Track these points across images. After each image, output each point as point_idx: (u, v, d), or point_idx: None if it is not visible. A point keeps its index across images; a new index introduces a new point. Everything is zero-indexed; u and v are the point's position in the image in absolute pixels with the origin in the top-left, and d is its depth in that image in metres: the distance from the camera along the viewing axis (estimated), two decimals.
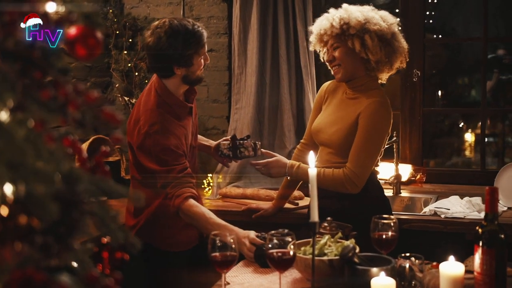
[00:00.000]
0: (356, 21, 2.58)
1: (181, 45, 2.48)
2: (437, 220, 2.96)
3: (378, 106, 2.58)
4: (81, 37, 0.99)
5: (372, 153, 2.59)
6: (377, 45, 2.58)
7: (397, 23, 2.68)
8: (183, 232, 2.71)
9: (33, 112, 0.86)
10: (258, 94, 3.74)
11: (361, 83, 2.67)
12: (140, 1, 4.09)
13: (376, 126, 2.57)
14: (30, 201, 0.81)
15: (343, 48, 2.63)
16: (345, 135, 2.61)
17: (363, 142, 2.56)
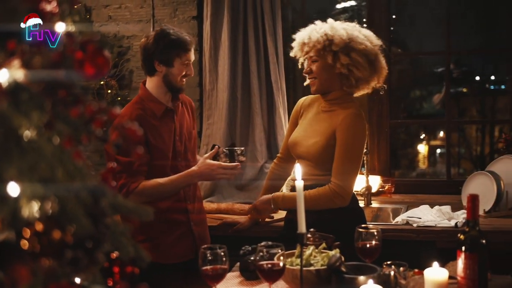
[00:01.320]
0: (339, 39, 2.64)
1: (165, 44, 2.69)
2: (410, 229, 3.04)
3: (354, 118, 2.65)
4: (90, 56, 1.02)
5: (354, 165, 2.66)
6: (365, 63, 2.67)
7: (378, 45, 2.75)
8: (178, 244, 2.77)
9: (61, 129, 0.88)
10: (230, 110, 3.79)
11: (336, 96, 2.74)
12: (109, 19, 4.09)
13: (354, 138, 2.64)
14: (63, 217, 0.83)
15: (321, 63, 2.70)
16: (323, 148, 2.67)
17: (344, 155, 2.63)
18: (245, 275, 2.26)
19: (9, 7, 0.74)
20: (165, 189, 2.67)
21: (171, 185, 2.67)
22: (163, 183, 2.65)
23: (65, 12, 1.08)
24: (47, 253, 0.84)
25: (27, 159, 0.82)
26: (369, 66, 2.69)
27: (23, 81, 0.88)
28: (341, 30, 2.68)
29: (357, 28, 2.74)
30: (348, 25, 2.73)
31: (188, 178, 2.69)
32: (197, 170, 2.68)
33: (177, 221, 2.78)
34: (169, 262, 2.73)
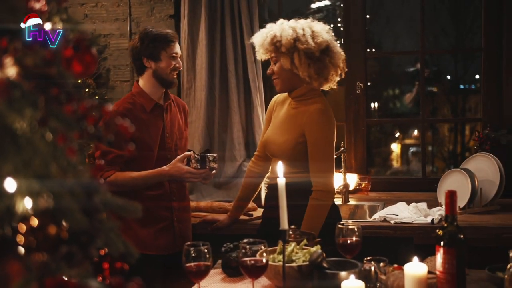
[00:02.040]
0: (286, 40, 2.67)
1: (149, 40, 2.84)
2: (387, 226, 3.09)
3: (320, 114, 2.69)
4: (78, 54, 1.03)
5: (329, 160, 2.70)
6: (305, 63, 2.69)
7: (328, 40, 2.74)
8: (159, 237, 2.87)
9: (55, 126, 0.89)
10: (208, 108, 3.80)
11: (301, 93, 2.77)
12: (86, 17, 4.07)
13: (322, 134, 2.68)
14: (58, 212, 0.84)
15: (280, 63, 2.75)
16: (293, 146, 2.71)
17: (316, 155, 2.67)
18: (227, 271, 2.28)
19: (9, 6, 0.75)
20: (136, 183, 2.79)
21: (142, 180, 2.79)
22: (134, 177, 2.77)
23: (53, 10, 1.09)
24: (43, 248, 0.84)
25: (22, 155, 0.83)
26: (316, 63, 2.70)
27: (16, 78, 0.89)
28: (289, 30, 2.70)
29: (307, 24, 2.75)
30: (298, 23, 2.75)
31: (159, 176, 2.82)
32: (167, 170, 2.81)
33: (160, 216, 2.87)
34: (149, 253, 2.81)
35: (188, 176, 2.81)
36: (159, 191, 2.87)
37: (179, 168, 2.78)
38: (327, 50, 2.73)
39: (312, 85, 2.75)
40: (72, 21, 1.14)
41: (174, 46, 2.88)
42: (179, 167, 2.78)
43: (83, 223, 0.84)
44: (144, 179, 2.79)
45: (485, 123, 3.85)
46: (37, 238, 0.83)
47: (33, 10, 1.00)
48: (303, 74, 2.70)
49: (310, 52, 2.68)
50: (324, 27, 2.79)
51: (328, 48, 2.74)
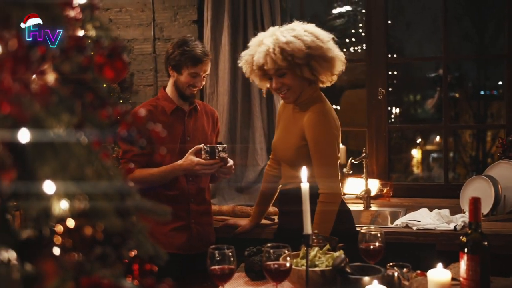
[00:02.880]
0: (299, 52, 2.63)
1: (178, 52, 2.90)
2: (409, 232, 3.08)
3: (318, 116, 2.68)
4: (109, 60, 1.05)
5: (331, 161, 2.68)
6: (325, 68, 2.71)
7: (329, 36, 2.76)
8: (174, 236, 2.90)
9: (90, 131, 0.91)
10: (230, 113, 3.83)
11: (307, 97, 2.76)
12: (110, 22, 4.12)
13: (322, 135, 2.67)
14: (94, 214, 0.87)
15: (291, 74, 2.70)
16: (295, 149, 2.72)
17: (318, 158, 2.66)
18: (251, 275, 2.30)
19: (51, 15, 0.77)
20: (153, 179, 2.83)
21: (159, 176, 2.84)
22: (152, 173, 2.83)
23: (87, 18, 1.12)
24: (78, 248, 0.87)
25: (59, 158, 0.85)
26: (330, 63, 2.73)
27: (53, 84, 0.91)
28: (296, 41, 2.64)
29: (303, 28, 2.73)
30: (293, 30, 2.71)
31: (173, 170, 2.84)
32: (180, 164, 2.83)
33: (177, 216, 2.90)
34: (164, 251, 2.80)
35: (199, 168, 2.81)
36: (176, 191, 2.92)
37: (190, 161, 2.81)
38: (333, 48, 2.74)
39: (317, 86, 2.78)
40: (104, 28, 1.17)
41: (198, 67, 2.90)
42: (190, 159, 2.81)
43: (117, 224, 0.86)
44: (161, 174, 2.83)
45: (508, 130, 3.82)
46: (73, 239, 0.86)
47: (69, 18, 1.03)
48: (323, 77, 2.74)
49: (324, 55, 2.69)
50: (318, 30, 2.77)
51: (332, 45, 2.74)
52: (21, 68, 0.72)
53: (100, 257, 0.90)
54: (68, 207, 0.85)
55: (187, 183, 2.94)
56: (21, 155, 0.84)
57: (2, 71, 0.73)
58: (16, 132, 0.79)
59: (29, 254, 0.90)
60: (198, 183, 2.96)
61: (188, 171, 2.86)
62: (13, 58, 0.72)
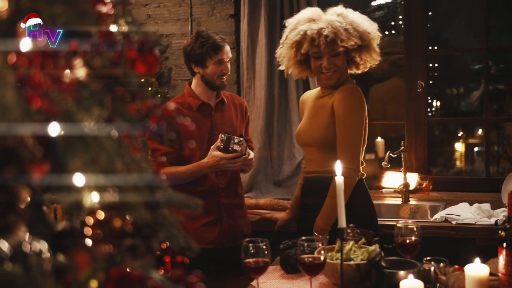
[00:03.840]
0: (365, 33, 2.73)
1: (197, 46, 2.89)
2: (449, 226, 3.04)
3: (348, 91, 2.73)
4: (141, 55, 1.07)
5: (355, 136, 2.70)
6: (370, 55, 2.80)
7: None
8: (205, 231, 2.92)
9: (119, 124, 0.93)
10: (267, 107, 3.83)
11: (342, 81, 2.81)
12: (148, 18, 4.17)
13: (351, 110, 2.70)
14: (123, 206, 0.88)
15: (343, 56, 2.77)
16: (324, 129, 2.74)
17: (343, 129, 2.68)
18: (286, 268, 2.30)
19: (79, 10, 0.79)
20: (181, 176, 2.83)
21: (186, 173, 2.84)
22: (179, 171, 2.83)
23: (119, 13, 1.13)
24: (108, 240, 0.89)
25: (89, 152, 0.87)
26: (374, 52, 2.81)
27: (84, 79, 0.93)
28: (364, 22, 2.76)
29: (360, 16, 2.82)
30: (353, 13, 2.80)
31: (200, 168, 2.84)
32: (206, 161, 2.83)
33: (208, 211, 2.91)
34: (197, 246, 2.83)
35: (224, 162, 2.80)
36: (206, 186, 2.92)
37: (214, 156, 2.80)
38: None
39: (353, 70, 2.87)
40: (136, 23, 1.19)
41: (221, 53, 2.91)
42: (214, 155, 2.80)
43: (147, 217, 0.87)
44: (188, 173, 2.83)
45: None
46: (103, 231, 0.88)
47: (101, 13, 1.05)
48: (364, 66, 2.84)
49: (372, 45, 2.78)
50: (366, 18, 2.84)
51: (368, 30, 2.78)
52: (49, 63, 0.74)
53: (130, 248, 0.91)
54: (98, 200, 0.87)
55: (217, 177, 2.95)
56: (53, 148, 0.86)
57: (32, 66, 0.75)
58: (47, 126, 0.80)
59: (63, 245, 0.92)
60: (227, 177, 2.97)
61: (214, 168, 2.85)
62: (42, 54, 0.73)
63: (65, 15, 0.78)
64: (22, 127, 0.76)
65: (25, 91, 0.78)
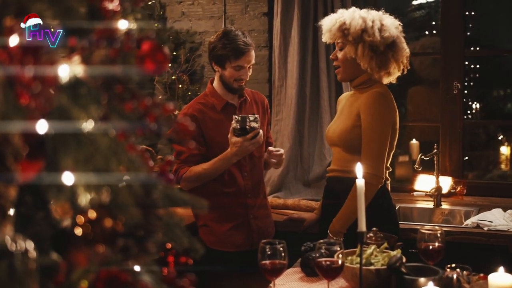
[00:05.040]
0: (354, 29, 2.67)
1: (220, 46, 2.81)
2: (480, 233, 2.96)
3: (376, 96, 2.67)
4: (151, 53, 1.05)
5: (381, 142, 2.66)
6: (367, 55, 2.68)
7: (395, 36, 2.71)
8: (234, 234, 2.89)
9: (116, 123, 0.92)
10: (298, 106, 3.80)
11: (363, 81, 2.77)
12: (183, 15, 4.18)
13: (376, 116, 2.65)
14: (115, 206, 0.87)
15: (345, 51, 2.74)
16: (350, 130, 2.71)
17: (369, 134, 2.65)
18: (306, 271, 2.27)
19: (67, 6, 0.78)
20: (208, 173, 2.80)
21: (213, 169, 2.79)
22: (206, 168, 2.79)
23: (127, 10, 1.12)
24: (100, 240, 0.87)
25: (83, 150, 0.86)
26: (379, 56, 2.68)
27: (82, 76, 0.92)
28: (359, 19, 2.68)
29: (378, 17, 2.72)
30: (369, 14, 2.73)
31: (226, 160, 2.77)
32: (229, 151, 2.75)
33: (235, 213, 2.89)
34: (224, 250, 2.87)
35: (247, 144, 2.70)
36: (233, 188, 2.88)
37: (235, 143, 2.70)
38: (393, 45, 2.71)
39: (373, 76, 2.75)
40: (145, 20, 1.17)
41: (241, 60, 2.81)
42: (234, 142, 2.70)
43: (137, 217, 0.86)
44: (214, 167, 2.78)
45: None
46: (95, 231, 0.86)
47: (105, 10, 1.04)
48: (364, 65, 2.71)
49: (375, 45, 2.67)
50: (394, 22, 2.76)
51: (394, 44, 2.71)
52: (29, 59, 0.73)
53: (122, 249, 0.90)
54: (90, 199, 0.86)
55: (243, 178, 2.90)
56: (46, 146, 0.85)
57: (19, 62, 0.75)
58: (36, 124, 0.80)
59: (61, 245, 0.92)
60: (253, 177, 2.93)
61: (240, 154, 2.75)
62: (27, 49, 0.73)
63: (51, 12, 0.77)
64: (8, 124, 0.76)
65: (15, 88, 0.78)
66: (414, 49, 4.55)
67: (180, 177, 2.78)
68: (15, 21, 0.74)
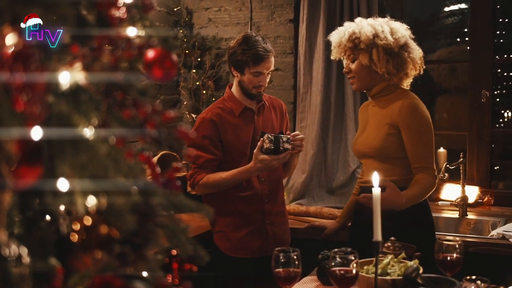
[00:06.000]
0: (365, 36, 2.65)
1: (240, 51, 2.80)
2: (505, 244, 2.89)
3: (413, 103, 2.66)
4: (159, 59, 1.06)
5: (431, 146, 2.67)
6: (383, 59, 2.66)
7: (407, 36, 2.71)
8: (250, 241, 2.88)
9: (115, 129, 0.92)
10: (323, 113, 3.78)
11: (380, 89, 2.75)
12: (209, 22, 4.21)
13: (420, 121, 2.65)
14: (110, 213, 0.88)
15: (359, 61, 2.72)
16: (383, 139, 2.67)
17: (417, 142, 2.63)
18: (322, 279, 2.26)
19: (59, 14, 0.79)
20: (226, 183, 2.80)
21: (231, 179, 2.79)
22: (224, 178, 2.79)
23: (135, 18, 1.13)
24: (96, 246, 0.88)
25: (80, 156, 0.87)
26: (394, 58, 2.66)
27: (83, 83, 0.93)
28: (368, 26, 2.68)
29: (385, 22, 2.73)
30: (376, 21, 2.73)
31: (247, 173, 2.78)
32: (253, 166, 2.73)
33: (252, 219, 2.88)
34: (239, 256, 2.86)
35: (275, 163, 2.72)
36: (249, 192, 2.86)
37: (262, 159, 2.68)
38: (406, 45, 2.70)
39: (392, 81, 2.72)
40: (154, 27, 1.18)
41: (261, 65, 2.79)
42: (262, 158, 2.68)
43: (132, 224, 0.86)
44: (234, 178, 2.78)
45: None
46: (90, 237, 0.87)
47: (112, 17, 1.05)
48: (381, 70, 2.67)
49: (389, 47, 2.65)
50: (402, 25, 2.76)
51: (407, 44, 2.70)
52: (22, 66, 0.74)
53: (119, 256, 0.90)
54: (86, 205, 0.86)
55: (260, 183, 2.89)
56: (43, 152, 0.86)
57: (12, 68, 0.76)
58: (31, 130, 0.81)
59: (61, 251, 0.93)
60: (271, 182, 2.91)
61: (264, 170, 2.78)
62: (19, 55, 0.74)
63: (44, 18, 0.78)
64: (2, 130, 0.77)
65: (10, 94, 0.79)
66: (440, 57, 4.50)
67: (197, 182, 2.79)
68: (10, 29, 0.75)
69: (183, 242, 1.09)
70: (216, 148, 2.81)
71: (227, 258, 2.85)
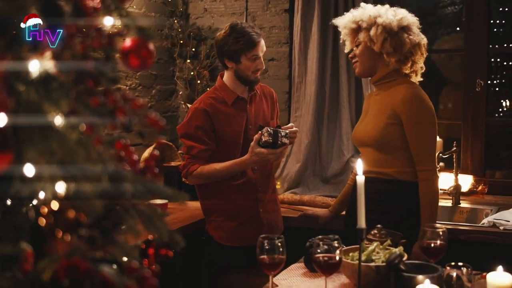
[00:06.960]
0: (367, 16, 2.68)
1: (231, 41, 2.80)
2: (496, 232, 2.91)
3: (414, 97, 2.64)
4: (135, 49, 1.08)
5: (435, 142, 2.68)
6: (381, 36, 2.65)
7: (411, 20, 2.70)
8: (244, 229, 2.90)
9: (84, 117, 0.95)
10: (318, 103, 3.79)
11: (382, 75, 2.74)
12: (205, 12, 4.21)
13: (422, 111, 2.64)
14: (78, 197, 0.90)
15: (362, 45, 2.73)
16: (383, 128, 2.67)
17: (422, 139, 2.63)
18: (309, 266, 2.28)
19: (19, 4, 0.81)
20: (220, 174, 2.82)
21: (226, 171, 2.81)
22: (218, 169, 2.81)
23: (110, 7, 1.15)
24: (64, 230, 0.91)
25: (49, 143, 0.89)
26: (393, 38, 2.65)
27: (53, 71, 0.95)
28: (372, 9, 2.72)
29: (388, 7, 2.75)
30: (381, 6, 2.76)
31: (242, 165, 2.81)
32: (249, 157, 2.75)
33: (245, 208, 2.90)
34: (233, 245, 2.88)
35: (272, 157, 2.74)
36: (243, 180, 2.88)
37: (259, 152, 2.70)
38: (407, 28, 2.69)
39: (391, 65, 2.70)
40: (130, 17, 1.20)
41: (256, 49, 2.82)
42: (259, 151, 2.70)
43: (99, 209, 0.89)
44: (228, 170, 2.81)
45: None
46: (58, 221, 0.90)
47: (86, 7, 1.07)
48: (378, 48, 2.67)
49: (389, 26, 2.65)
50: (406, 12, 2.76)
51: (409, 27, 2.69)
52: None
53: (88, 239, 0.93)
54: (53, 190, 0.89)
55: (253, 172, 2.91)
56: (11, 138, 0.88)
57: None
58: None
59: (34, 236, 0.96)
60: (263, 171, 2.93)
61: (259, 163, 2.81)
62: None
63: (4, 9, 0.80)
64: None
65: None
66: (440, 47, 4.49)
67: (190, 173, 2.81)
68: None
69: (159, 228, 1.12)
70: (209, 138, 2.83)
71: (221, 246, 2.87)
